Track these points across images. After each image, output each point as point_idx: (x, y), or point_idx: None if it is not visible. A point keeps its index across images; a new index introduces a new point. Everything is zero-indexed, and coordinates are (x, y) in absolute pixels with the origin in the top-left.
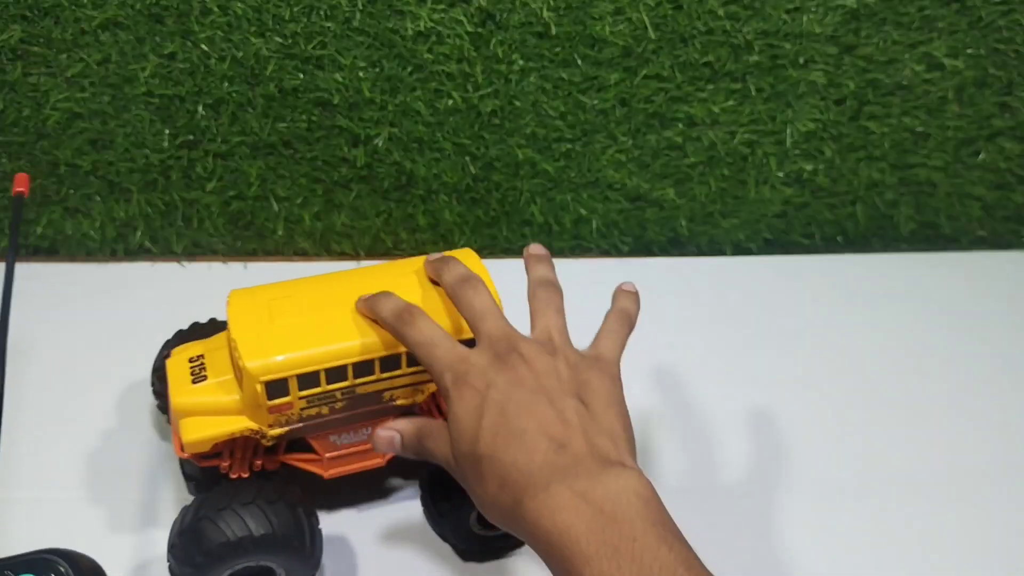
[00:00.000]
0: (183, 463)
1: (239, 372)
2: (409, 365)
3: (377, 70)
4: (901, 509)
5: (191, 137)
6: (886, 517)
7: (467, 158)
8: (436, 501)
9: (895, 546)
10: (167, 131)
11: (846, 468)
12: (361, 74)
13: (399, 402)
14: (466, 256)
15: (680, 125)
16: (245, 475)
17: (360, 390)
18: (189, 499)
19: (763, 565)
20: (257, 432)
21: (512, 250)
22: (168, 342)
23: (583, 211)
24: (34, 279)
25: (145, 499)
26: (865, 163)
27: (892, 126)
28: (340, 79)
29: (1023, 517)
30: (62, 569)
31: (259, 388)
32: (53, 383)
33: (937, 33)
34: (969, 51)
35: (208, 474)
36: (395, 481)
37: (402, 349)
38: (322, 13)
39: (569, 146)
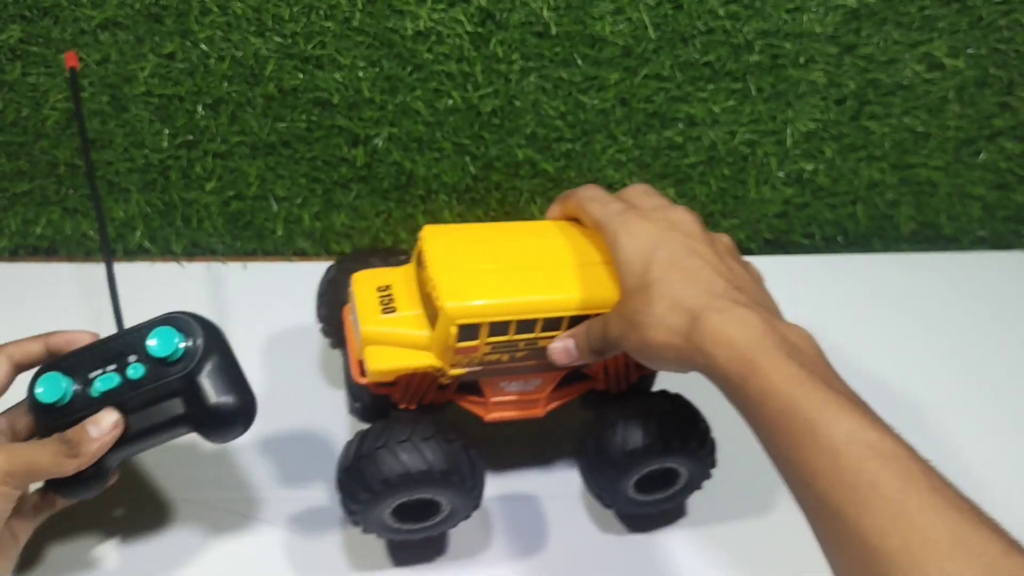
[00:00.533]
0: (352, 387)
1: (432, 310)
2: None
3: (377, 70)
4: None
5: (190, 137)
6: None
7: (467, 158)
8: (594, 463)
9: None
10: (166, 131)
11: None
12: (360, 74)
13: None
14: None
15: (680, 125)
16: (413, 408)
17: (542, 343)
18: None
19: (766, 563)
20: (439, 370)
21: None
22: (332, 267)
23: None
24: (34, 279)
25: None
26: (866, 163)
27: (893, 126)
28: (339, 79)
29: (1020, 517)
30: (182, 321)
31: (453, 330)
32: None
33: (938, 33)
34: (970, 51)
35: (378, 401)
36: (553, 442)
37: (591, 311)
38: (321, 13)
39: (569, 146)
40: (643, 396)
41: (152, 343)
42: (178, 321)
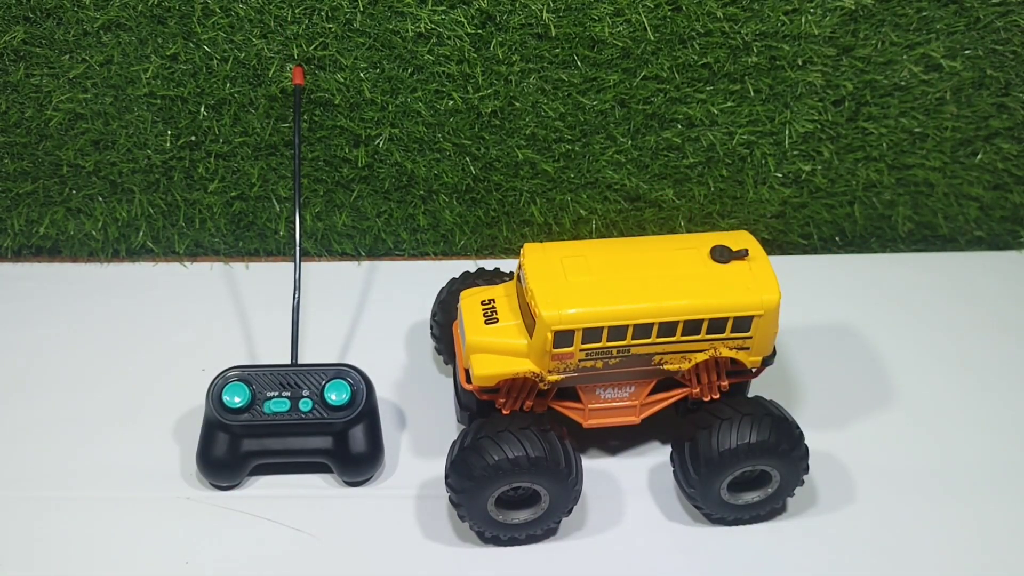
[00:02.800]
0: (461, 394)
1: (530, 319)
2: (684, 334)
3: (378, 71)
4: (896, 507)
5: (193, 138)
6: (882, 515)
7: (467, 158)
8: (688, 467)
9: (893, 543)
10: (169, 132)
11: (841, 467)
12: (362, 75)
13: (666, 367)
14: (741, 238)
15: (679, 126)
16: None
17: (634, 351)
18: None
19: (766, 559)
20: (537, 376)
21: (512, 250)
22: (443, 289)
23: (582, 211)
24: (37, 279)
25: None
26: (863, 163)
27: (890, 127)
28: (341, 80)
29: (1017, 515)
30: (353, 377)
31: (549, 336)
32: (63, 381)
33: (935, 34)
34: (967, 52)
35: (483, 407)
36: (649, 442)
37: (679, 317)
38: (323, 14)
39: (568, 147)
40: (738, 400)
41: (328, 390)
42: (352, 378)
